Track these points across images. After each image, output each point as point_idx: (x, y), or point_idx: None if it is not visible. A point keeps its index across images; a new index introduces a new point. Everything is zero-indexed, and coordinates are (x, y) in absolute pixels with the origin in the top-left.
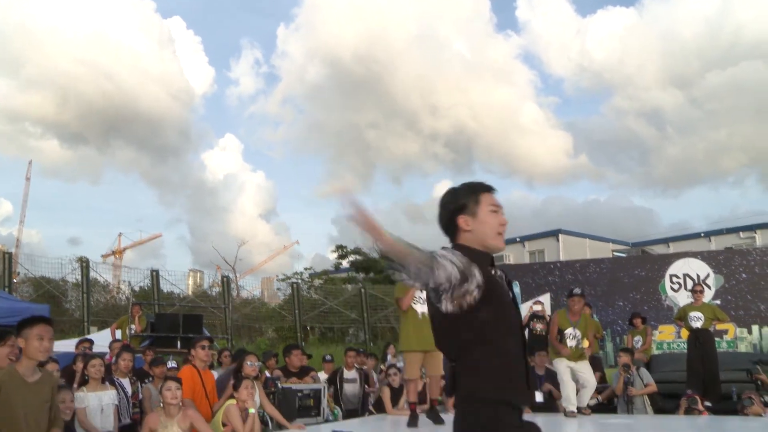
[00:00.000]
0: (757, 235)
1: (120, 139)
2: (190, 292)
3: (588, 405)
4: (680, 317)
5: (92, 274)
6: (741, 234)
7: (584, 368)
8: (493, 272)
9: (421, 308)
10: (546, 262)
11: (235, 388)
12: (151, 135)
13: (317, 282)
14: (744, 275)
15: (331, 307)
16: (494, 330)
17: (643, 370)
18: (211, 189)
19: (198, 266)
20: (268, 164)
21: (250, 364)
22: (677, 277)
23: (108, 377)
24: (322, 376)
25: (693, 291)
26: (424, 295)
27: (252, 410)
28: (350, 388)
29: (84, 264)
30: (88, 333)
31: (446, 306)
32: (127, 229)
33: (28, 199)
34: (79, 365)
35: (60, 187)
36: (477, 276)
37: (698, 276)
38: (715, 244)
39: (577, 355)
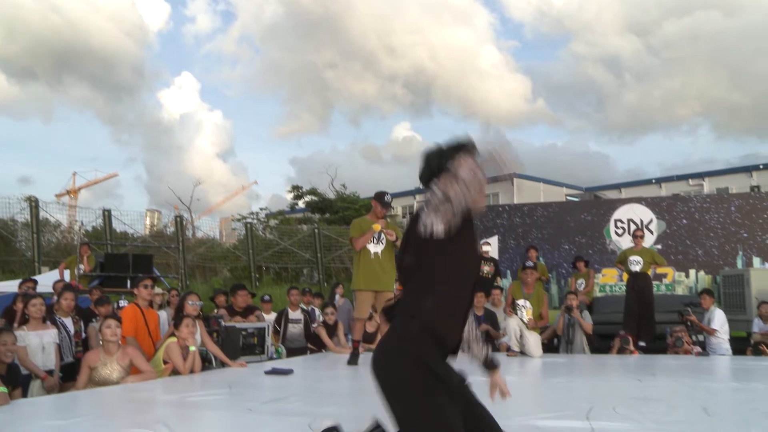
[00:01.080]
0: (705, 183)
1: (72, 75)
2: (147, 232)
3: None
4: (620, 261)
5: (43, 213)
6: (690, 181)
7: (532, 338)
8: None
9: (375, 248)
10: (494, 204)
11: (176, 326)
12: (104, 72)
13: (273, 222)
14: (685, 221)
15: (286, 248)
16: (455, 270)
17: (585, 313)
18: (168, 128)
19: (155, 206)
20: (226, 103)
21: (192, 303)
22: (622, 222)
23: (50, 316)
24: (269, 316)
25: (633, 236)
26: (381, 235)
27: (192, 348)
28: (294, 328)
29: (33, 203)
30: (39, 273)
31: (437, 227)
32: (82, 169)
33: None
34: (20, 305)
35: (9, 125)
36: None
37: (641, 221)
38: (665, 191)
39: (531, 324)
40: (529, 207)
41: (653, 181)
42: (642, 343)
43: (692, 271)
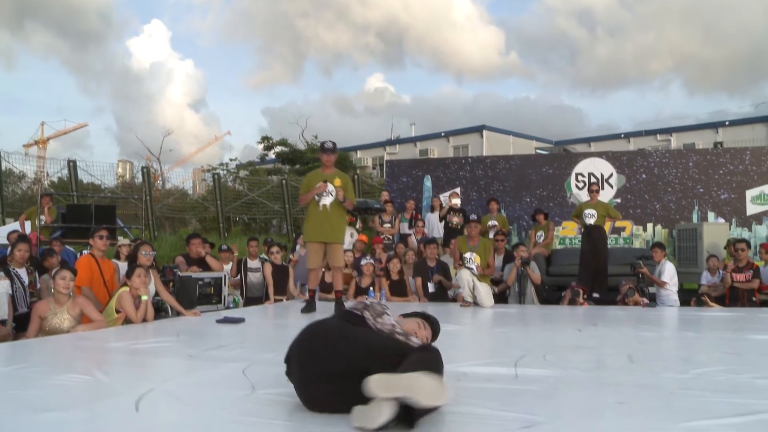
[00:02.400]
0: (672, 138)
1: (35, 21)
2: (119, 183)
3: None
4: (577, 214)
5: (6, 165)
6: (658, 136)
7: (483, 289)
8: None
9: (324, 200)
10: (457, 157)
11: (128, 275)
12: (69, 19)
13: (243, 173)
14: (644, 176)
15: (254, 199)
16: None
17: (533, 264)
18: (137, 77)
19: (125, 156)
20: (197, 53)
21: (145, 254)
22: (582, 176)
23: (3, 267)
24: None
25: (589, 190)
26: (330, 187)
27: (144, 297)
28: (254, 277)
29: None
30: (4, 224)
31: None
32: (51, 119)
33: None
34: None
35: None
36: None
37: (602, 175)
38: (633, 145)
39: (479, 275)
40: (491, 159)
41: (622, 135)
42: (596, 295)
43: (650, 225)
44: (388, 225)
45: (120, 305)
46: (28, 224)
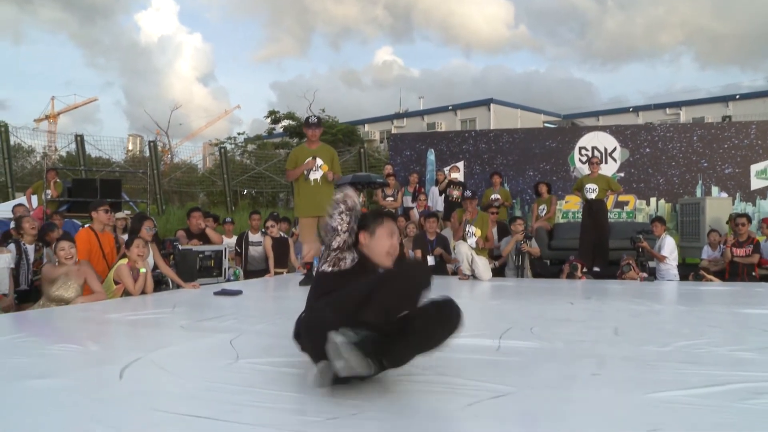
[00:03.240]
0: (682, 112)
1: None
2: (128, 157)
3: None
4: (578, 188)
5: (14, 139)
6: (667, 110)
7: (481, 263)
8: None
9: (313, 175)
10: (461, 130)
11: (127, 246)
12: None
13: (251, 147)
14: (648, 150)
15: (261, 173)
16: None
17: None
18: (146, 51)
19: (135, 131)
20: (205, 26)
21: (148, 230)
22: (586, 149)
23: (12, 240)
24: (230, 240)
25: (589, 163)
26: (319, 161)
27: (143, 269)
28: (255, 251)
29: (2, 128)
30: (14, 198)
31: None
32: (59, 93)
33: None
34: None
35: None
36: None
37: (605, 149)
38: (642, 119)
39: (478, 248)
40: (495, 133)
41: (630, 109)
42: (597, 269)
43: (653, 200)
44: (391, 199)
45: (118, 277)
46: (34, 198)
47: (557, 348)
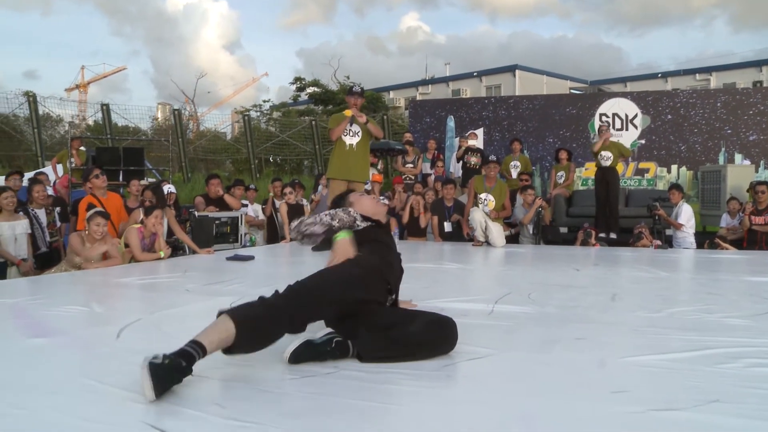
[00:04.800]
0: (713, 77)
1: None
2: (154, 125)
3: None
4: (595, 153)
5: (43, 109)
6: (697, 76)
7: (495, 229)
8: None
9: (350, 140)
10: (480, 97)
11: (146, 214)
12: None
13: (276, 114)
14: (669, 117)
15: (285, 140)
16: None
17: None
18: (171, 19)
19: (163, 99)
20: None
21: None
22: (606, 116)
23: (22, 207)
24: (254, 206)
25: (600, 131)
26: (355, 128)
27: (162, 254)
28: (277, 217)
29: (31, 98)
30: (43, 167)
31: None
32: (87, 62)
33: None
34: None
35: (8, 16)
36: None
37: (627, 116)
38: (671, 85)
39: (492, 215)
40: (515, 100)
41: (659, 75)
42: (613, 236)
43: (674, 167)
44: (411, 165)
45: (127, 240)
46: (59, 167)
47: (549, 313)
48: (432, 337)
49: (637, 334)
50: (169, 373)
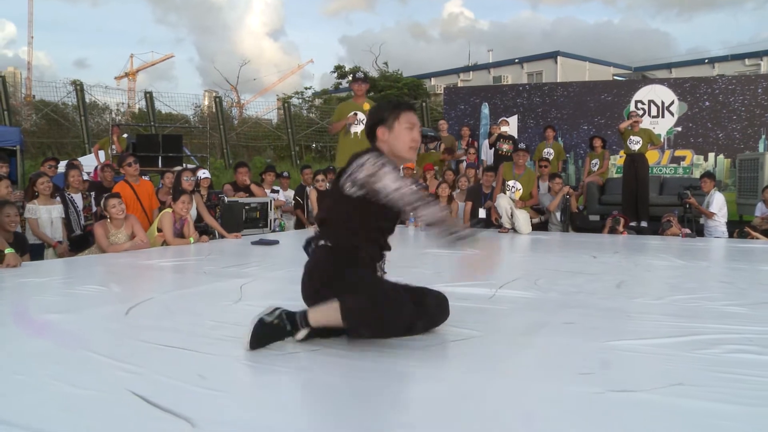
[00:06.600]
0: (763, 62)
1: None
2: (196, 112)
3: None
4: (622, 133)
5: (89, 97)
6: (746, 61)
7: (521, 216)
8: None
9: (355, 128)
10: (514, 84)
11: (174, 200)
12: None
13: (318, 102)
14: (707, 103)
15: (324, 126)
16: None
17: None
18: (215, 7)
19: (208, 87)
20: None
21: (186, 179)
22: (642, 103)
23: (59, 193)
24: (287, 193)
25: (629, 116)
26: (360, 116)
27: (192, 240)
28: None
29: (78, 87)
30: (90, 153)
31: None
32: (134, 51)
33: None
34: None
35: (60, 6)
36: None
37: (663, 102)
38: (718, 71)
39: (518, 205)
40: (549, 86)
41: (706, 60)
42: (644, 224)
43: (711, 155)
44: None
45: (161, 224)
46: (101, 153)
47: (550, 298)
48: (440, 311)
49: (628, 319)
50: (270, 331)
